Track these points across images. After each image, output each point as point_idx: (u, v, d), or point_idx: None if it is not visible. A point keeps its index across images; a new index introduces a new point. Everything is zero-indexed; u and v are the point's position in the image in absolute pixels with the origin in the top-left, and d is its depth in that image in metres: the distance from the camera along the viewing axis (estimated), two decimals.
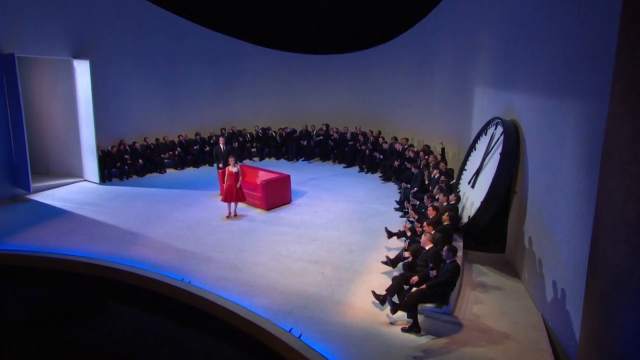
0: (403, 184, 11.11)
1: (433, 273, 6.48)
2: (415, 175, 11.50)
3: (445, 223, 7.84)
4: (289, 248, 8.83)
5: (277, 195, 11.28)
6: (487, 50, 9.95)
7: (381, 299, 6.70)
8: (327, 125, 16.89)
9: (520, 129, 7.90)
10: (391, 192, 12.31)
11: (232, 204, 10.53)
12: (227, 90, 17.36)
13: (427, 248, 6.97)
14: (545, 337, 6.09)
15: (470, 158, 9.77)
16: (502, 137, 8.10)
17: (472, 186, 8.87)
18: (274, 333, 6.01)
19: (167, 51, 15.92)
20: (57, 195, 12.50)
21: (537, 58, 7.13)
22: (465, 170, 9.74)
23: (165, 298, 7.47)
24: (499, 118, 8.59)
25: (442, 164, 11.16)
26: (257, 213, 10.96)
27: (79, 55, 13.40)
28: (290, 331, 6.15)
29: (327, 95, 17.80)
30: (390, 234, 8.62)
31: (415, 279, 6.52)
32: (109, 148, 14.30)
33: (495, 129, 8.70)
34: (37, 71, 13.97)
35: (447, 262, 6.48)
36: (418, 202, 9.61)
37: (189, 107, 16.62)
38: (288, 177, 11.64)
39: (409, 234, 8.02)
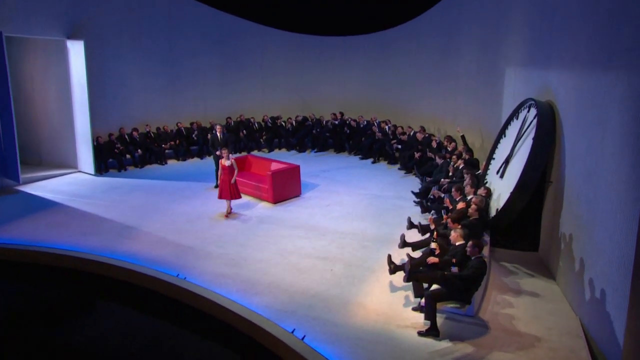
0: (426, 178, 10.85)
1: (455, 270, 6.23)
2: (440, 166, 11.24)
3: (472, 217, 7.54)
4: (295, 244, 8.74)
5: (285, 188, 11.16)
6: (520, 26, 9.61)
7: (392, 268, 6.73)
8: (342, 114, 16.68)
9: (557, 110, 7.58)
10: (411, 185, 12.08)
11: (227, 201, 10.14)
12: (233, 76, 17.27)
13: (456, 244, 6.69)
14: (584, 343, 5.85)
15: (499, 146, 9.47)
16: (535, 120, 7.78)
17: (501, 176, 8.58)
18: (274, 334, 5.89)
19: (169, 32, 15.89)
20: (48, 187, 12.55)
21: (575, 28, 6.80)
22: (494, 159, 9.44)
23: (158, 295, 7.41)
24: (532, 99, 8.26)
25: (465, 154, 10.87)
26: (263, 206, 10.87)
27: (73, 36, 13.41)
28: (292, 332, 6.03)
29: (342, 81, 17.59)
30: (411, 225, 8.38)
31: (433, 259, 6.32)
32: (109, 137, 14.32)
33: (528, 111, 8.38)
34: (28, 53, 14.03)
35: (472, 258, 6.21)
36: (444, 195, 9.35)
37: (191, 93, 16.59)
38: (297, 167, 11.50)
39: (432, 226, 7.74)
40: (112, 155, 14.23)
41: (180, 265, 7.93)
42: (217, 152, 11.81)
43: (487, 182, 9.25)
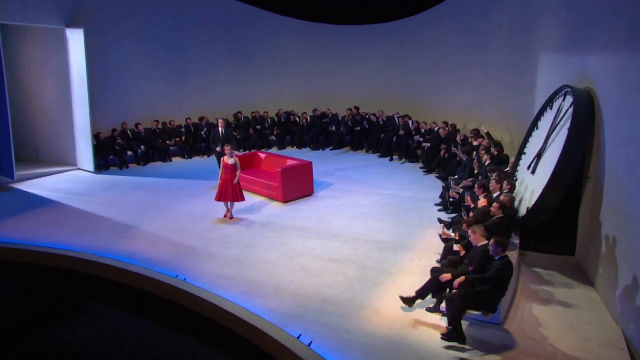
0: (450, 178, 10.64)
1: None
2: (464, 163, 11.02)
3: (495, 217, 7.31)
4: (305, 244, 8.68)
5: (296, 186, 11.09)
6: (555, 6, 9.38)
7: (409, 300, 6.46)
8: (357, 108, 16.54)
9: (595, 97, 7.33)
10: (433, 184, 11.97)
11: (228, 203, 9.91)
12: (243, 68, 17.29)
13: (477, 246, 6.46)
14: (627, 356, 5.63)
15: (530, 139, 9.24)
16: (571, 109, 7.53)
17: (532, 172, 8.35)
18: (278, 339, 5.80)
19: (174, 20, 15.97)
20: (44, 185, 12.66)
21: (617, 6, 6.56)
22: (524, 154, 9.22)
23: (155, 297, 7.38)
24: (568, 86, 8.02)
25: (493, 149, 10.65)
26: (273, 205, 10.82)
27: (72, 24, 13.53)
28: (298, 338, 5.93)
29: (359, 73, 17.46)
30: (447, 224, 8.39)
31: (446, 276, 6.05)
32: (112, 132, 14.44)
33: (564, 99, 8.14)
34: (25, 42, 14.21)
35: (496, 258, 5.98)
36: (462, 190, 9.15)
37: (198, 86, 16.64)
38: (309, 164, 11.42)
39: (450, 235, 7.58)
40: (113, 152, 14.29)
41: (181, 266, 7.90)
42: (218, 148, 11.73)
43: (516, 179, 9.00)
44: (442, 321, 6.23)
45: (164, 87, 16.05)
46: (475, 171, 10.28)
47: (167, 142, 15.24)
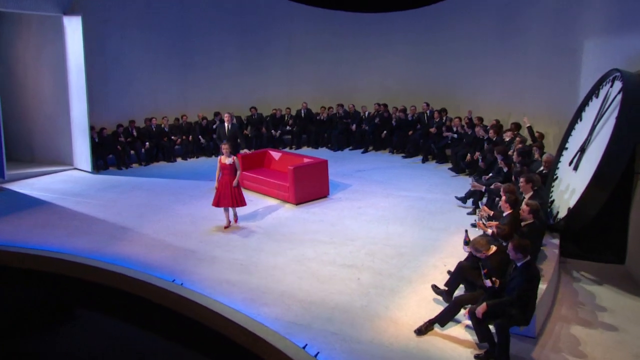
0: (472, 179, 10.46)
1: (488, 283, 5.84)
2: (497, 167, 10.77)
3: (525, 223, 7.07)
4: (317, 249, 8.67)
5: (309, 186, 11.06)
6: None
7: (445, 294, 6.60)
8: (385, 106, 16.40)
9: None
10: (462, 186, 11.72)
11: (230, 209, 9.68)
12: (255, 61, 17.32)
13: (489, 255, 6.26)
14: None
15: (573, 132, 9.03)
16: (620, 95, 7.32)
17: (575, 168, 8.14)
18: (281, 349, 5.76)
19: (180, 7, 16.14)
20: (37, 185, 12.88)
21: None
22: (566, 149, 9.02)
23: (148, 303, 7.41)
24: (617, 70, 7.80)
25: (535, 148, 10.37)
26: (283, 208, 10.81)
27: (70, 11, 13.75)
28: (304, 348, 5.88)
29: (382, 66, 17.30)
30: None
31: (480, 309, 5.81)
32: (117, 128, 14.65)
33: (611, 85, 7.93)
34: (20, 31, 14.48)
35: (518, 265, 5.76)
36: (484, 188, 8.96)
37: (206, 79, 16.74)
38: (325, 162, 11.37)
39: (488, 232, 7.35)
40: (114, 151, 14.42)
41: (179, 270, 7.95)
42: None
43: (556, 178, 8.78)
44: (468, 334, 6.08)
45: (169, 80, 16.19)
46: (504, 169, 10.03)
47: (173, 137, 15.30)
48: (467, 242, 6.69)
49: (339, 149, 16.08)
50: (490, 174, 10.45)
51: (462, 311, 6.25)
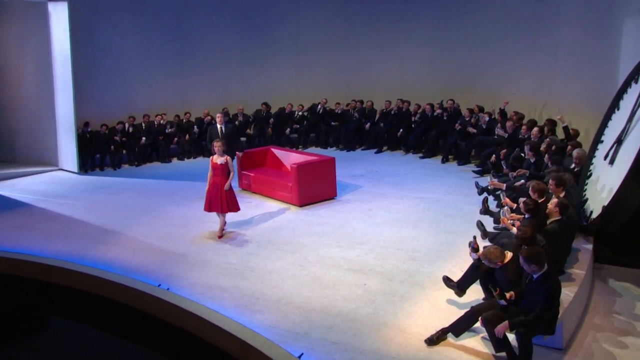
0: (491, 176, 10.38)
1: (502, 302, 5.73)
2: (535, 165, 10.66)
3: (551, 220, 6.95)
4: (320, 253, 8.69)
5: (315, 186, 11.05)
6: None
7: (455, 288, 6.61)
8: (409, 102, 16.25)
9: None
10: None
11: (221, 215, 9.45)
12: (259, 53, 17.38)
13: (503, 263, 6.12)
14: None
15: (609, 124, 8.94)
16: None
17: (611, 162, 8.06)
18: (272, 357, 5.74)
19: None
20: (18, 186, 13.06)
21: None
22: (602, 142, 8.95)
23: (129, 309, 7.45)
24: None
25: (569, 148, 10.23)
26: (286, 210, 10.83)
27: None
28: (299, 358, 5.84)
29: (399, 58, 17.23)
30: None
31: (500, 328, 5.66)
32: (120, 124, 14.80)
33: None
34: (1, 20, 14.61)
35: (534, 277, 5.62)
36: (504, 186, 8.86)
37: (205, 74, 16.82)
38: (332, 160, 11.38)
39: (512, 229, 7.23)
40: (104, 150, 14.52)
41: (166, 275, 8.00)
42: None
43: (590, 174, 8.66)
44: (485, 345, 5.99)
45: (165, 73, 16.28)
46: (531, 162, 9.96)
47: (168, 129, 15.43)
48: (475, 249, 6.55)
49: (350, 149, 16.04)
50: (518, 171, 10.33)
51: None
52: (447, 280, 6.88)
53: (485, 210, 8.86)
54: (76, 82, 13.84)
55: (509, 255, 6.08)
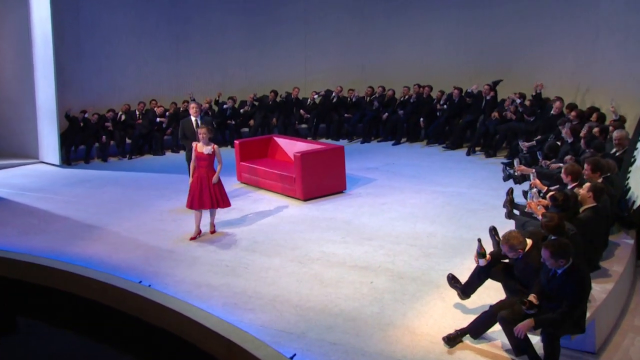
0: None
1: (531, 312, 5.63)
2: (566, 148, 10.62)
3: (584, 208, 6.87)
4: (324, 249, 8.74)
5: (321, 178, 11.05)
6: None
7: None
8: (431, 88, 16.22)
9: None
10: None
11: (209, 213, 9.37)
12: (264, 34, 17.45)
13: (529, 259, 6.08)
14: None
15: None
16: None
17: None
18: (260, 357, 5.75)
19: None
20: None
21: None
22: None
23: (106, 309, 7.52)
24: None
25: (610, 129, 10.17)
26: (288, 204, 10.89)
27: None
28: (292, 359, 5.84)
29: (422, 39, 17.19)
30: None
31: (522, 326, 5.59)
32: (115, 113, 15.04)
33: None
34: None
35: (559, 272, 5.53)
36: (534, 171, 8.75)
37: (203, 58, 16.95)
38: (340, 149, 11.42)
39: (537, 215, 7.16)
40: (88, 140, 14.64)
41: (150, 272, 8.09)
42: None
43: (634, 160, 8.58)
44: (503, 349, 5.95)
45: (158, 56, 16.43)
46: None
47: (161, 118, 15.56)
48: (482, 254, 6.43)
49: (365, 141, 16.04)
50: (553, 160, 10.28)
51: None
52: (451, 280, 6.78)
53: (509, 214, 8.62)
54: (58, 65, 14.00)
55: (529, 242, 6.03)
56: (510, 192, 9.02)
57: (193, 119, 10.80)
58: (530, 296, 5.67)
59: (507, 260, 6.39)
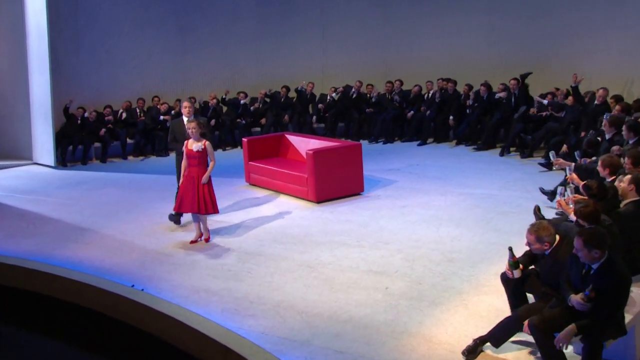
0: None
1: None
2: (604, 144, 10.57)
3: (625, 202, 6.75)
4: (335, 253, 8.71)
5: (335, 178, 11.03)
6: None
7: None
8: (455, 83, 16.19)
9: None
10: (554, 182, 11.47)
11: (199, 219, 9.17)
12: (278, 27, 17.54)
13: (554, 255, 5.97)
14: None
15: None
16: None
17: None
18: None
19: None
20: None
21: None
22: None
23: (95, 314, 7.56)
24: None
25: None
26: (299, 206, 10.94)
27: None
28: None
29: (451, 30, 17.18)
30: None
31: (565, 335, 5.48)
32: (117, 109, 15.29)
33: None
34: None
35: (593, 268, 5.42)
36: (572, 165, 8.68)
37: (211, 51, 17.05)
38: (358, 146, 11.45)
39: (570, 214, 7.06)
40: (86, 140, 14.78)
41: (145, 276, 8.11)
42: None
43: None
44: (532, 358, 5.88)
45: (162, 49, 16.60)
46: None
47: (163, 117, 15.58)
48: (514, 264, 6.24)
49: (387, 141, 16.04)
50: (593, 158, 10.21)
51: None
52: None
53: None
54: (55, 60, 14.15)
55: (557, 237, 5.93)
56: (537, 209, 8.93)
57: (185, 118, 10.06)
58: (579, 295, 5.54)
59: (533, 267, 6.31)
